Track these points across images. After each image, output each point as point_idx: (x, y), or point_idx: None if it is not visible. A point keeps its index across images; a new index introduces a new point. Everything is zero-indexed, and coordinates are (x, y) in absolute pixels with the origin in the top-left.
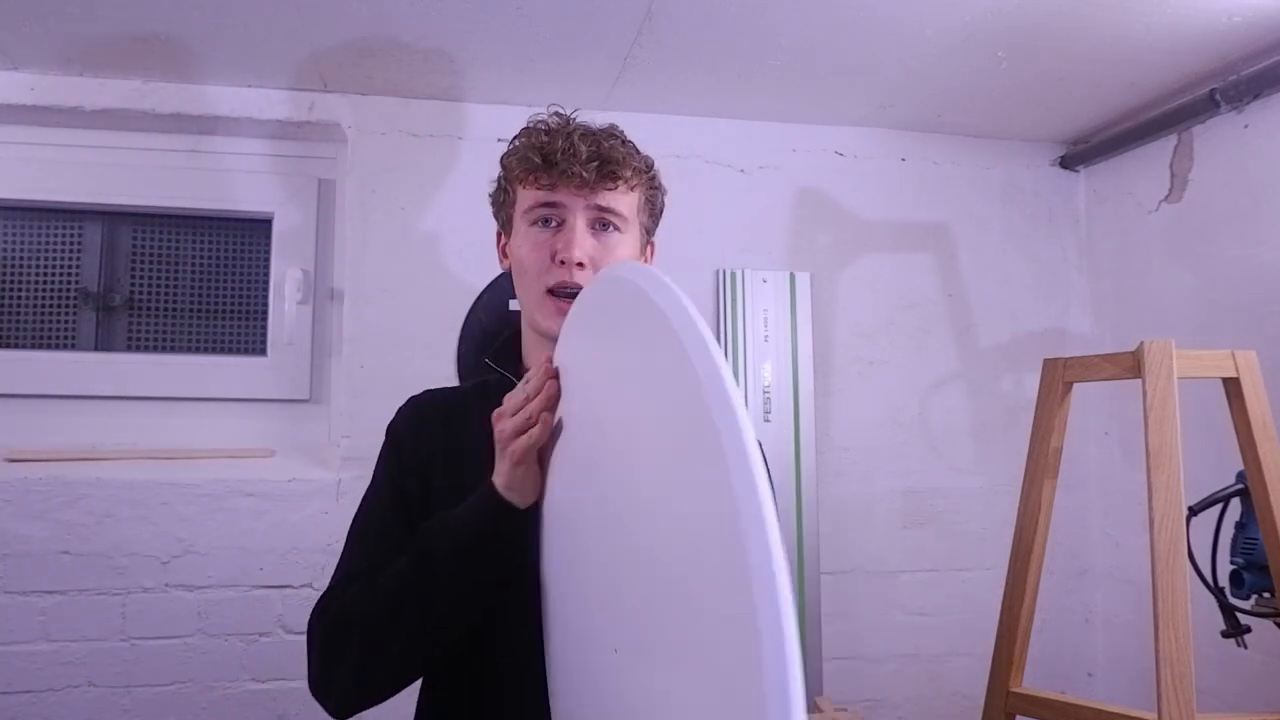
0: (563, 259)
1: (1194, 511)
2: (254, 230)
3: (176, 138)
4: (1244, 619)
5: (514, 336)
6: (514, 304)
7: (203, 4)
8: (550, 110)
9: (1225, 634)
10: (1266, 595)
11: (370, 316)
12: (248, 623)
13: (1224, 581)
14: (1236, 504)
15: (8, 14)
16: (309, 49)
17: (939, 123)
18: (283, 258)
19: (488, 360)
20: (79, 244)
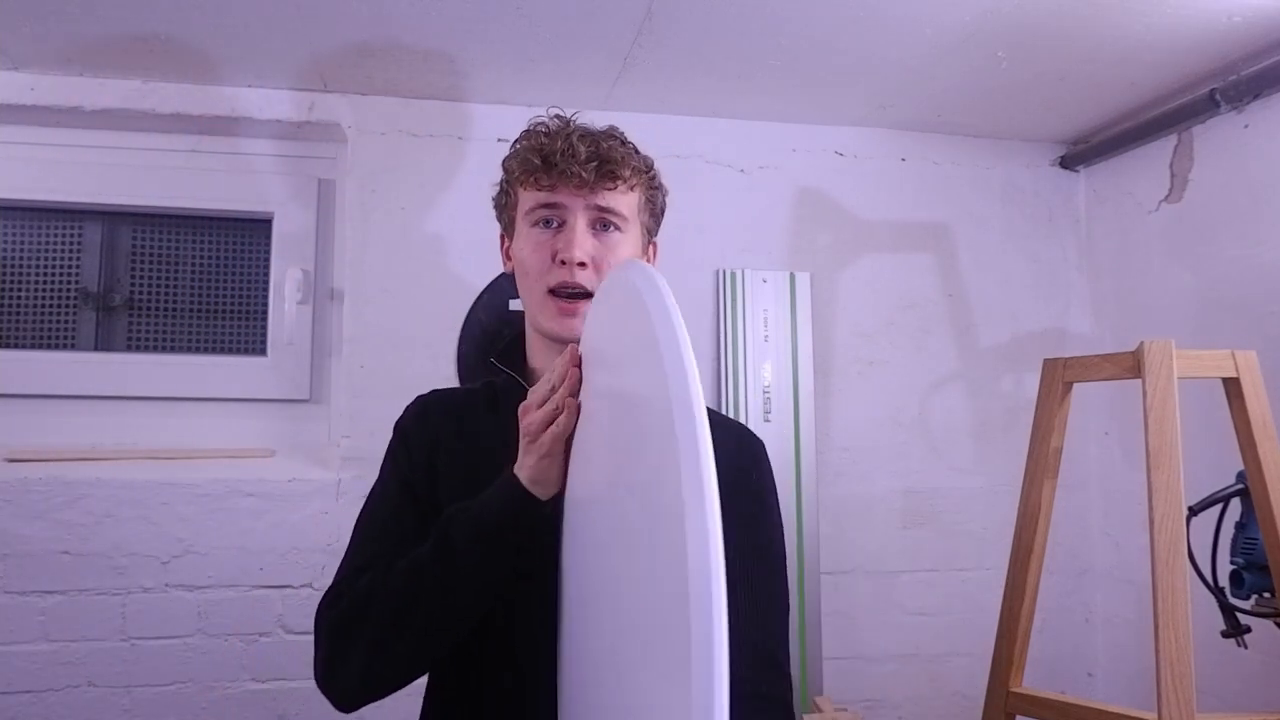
0: (564, 259)
1: (1194, 511)
2: (254, 230)
3: (176, 138)
4: (1244, 619)
5: (520, 337)
6: (514, 304)
7: (203, 4)
8: (550, 113)
9: (1225, 634)
10: (1266, 595)
11: (370, 316)
12: (248, 623)
13: (1224, 581)
14: (1236, 504)
15: (8, 14)
16: (309, 49)
17: (939, 123)
18: (283, 258)
19: (493, 360)
20: (79, 244)
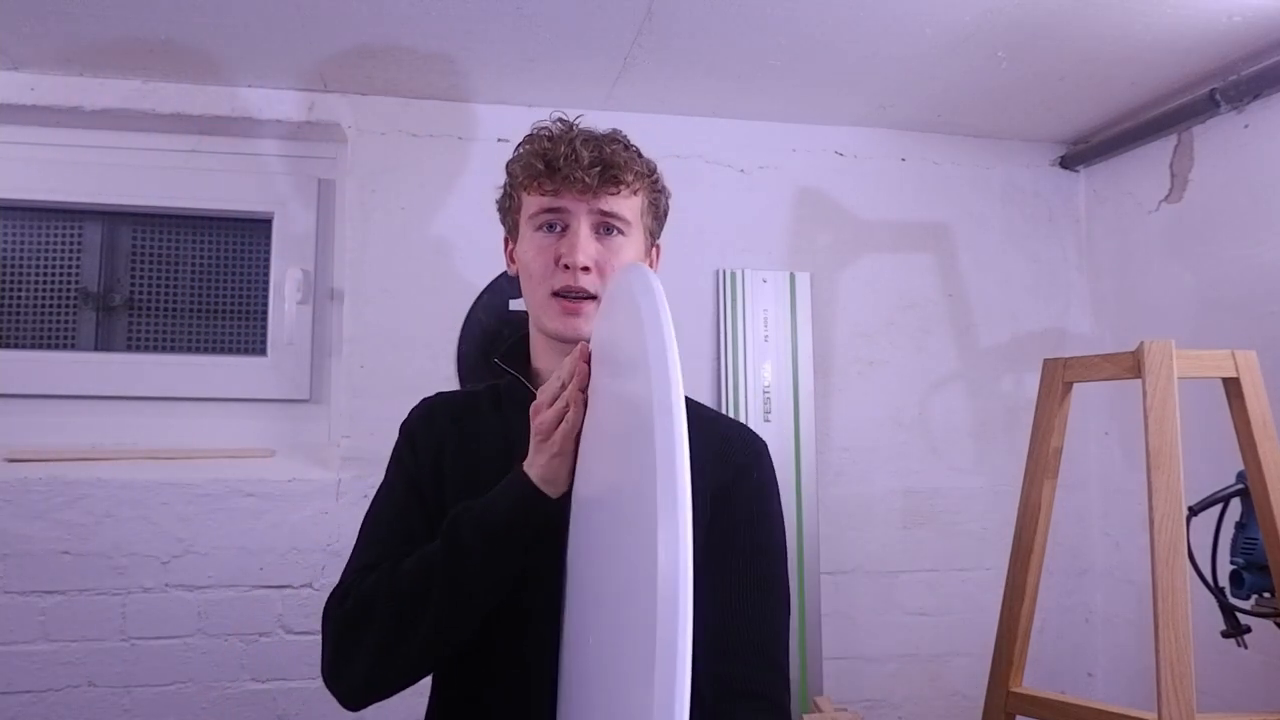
0: (567, 263)
1: (1194, 511)
2: (254, 230)
3: (176, 138)
4: (1244, 619)
5: (524, 339)
6: (514, 304)
7: (203, 4)
8: (553, 116)
9: (1225, 634)
10: (1266, 595)
11: (370, 316)
12: (248, 623)
13: (1224, 581)
14: (1236, 504)
15: (8, 14)
16: (309, 49)
17: (939, 123)
18: (283, 258)
19: (497, 360)
20: (79, 244)
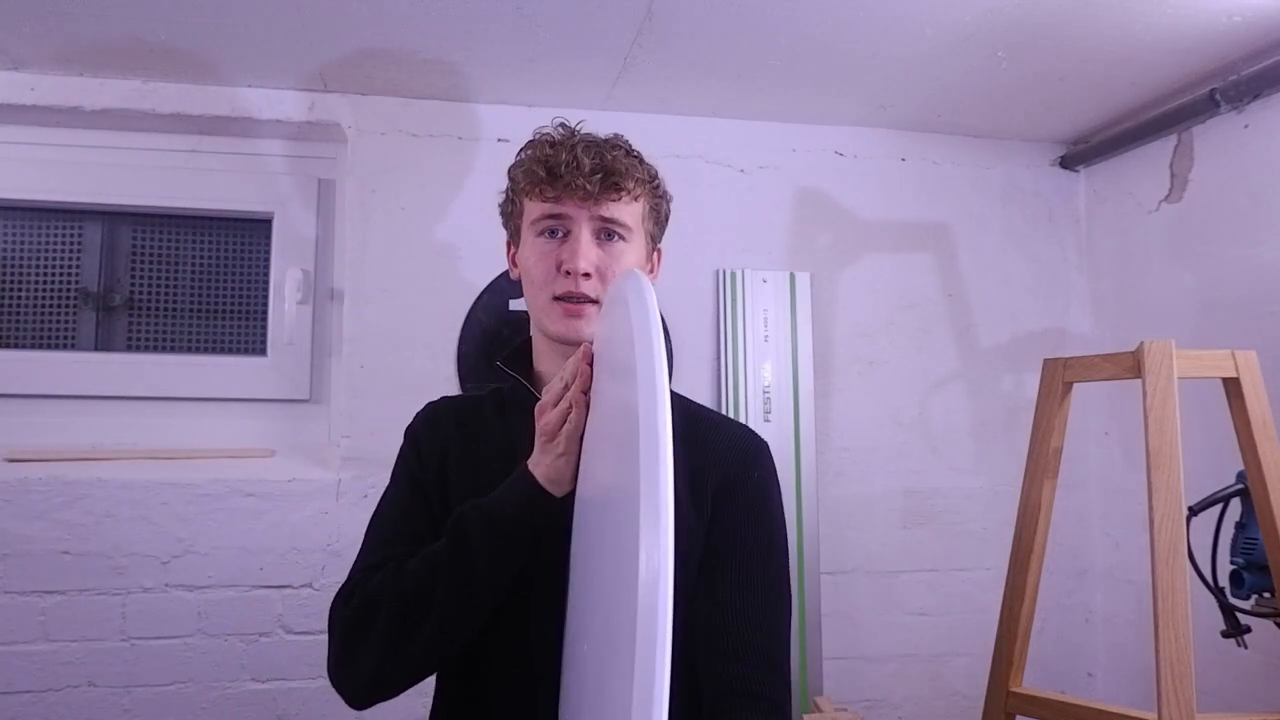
0: (568, 269)
1: (1194, 511)
2: (254, 230)
3: (176, 138)
4: (1244, 619)
5: (527, 341)
6: (514, 304)
7: (203, 4)
8: (555, 122)
9: (1225, 634)
10: (1266, 595)
11: (370, 316)
12: (248, 623)
13: (1224, 581)
14: (1236, 504)
15: (8, 14)
16: (309, 49)
17: (939, 123)
18: (283, 258)
19: (499, 363)
20: (79, 244)
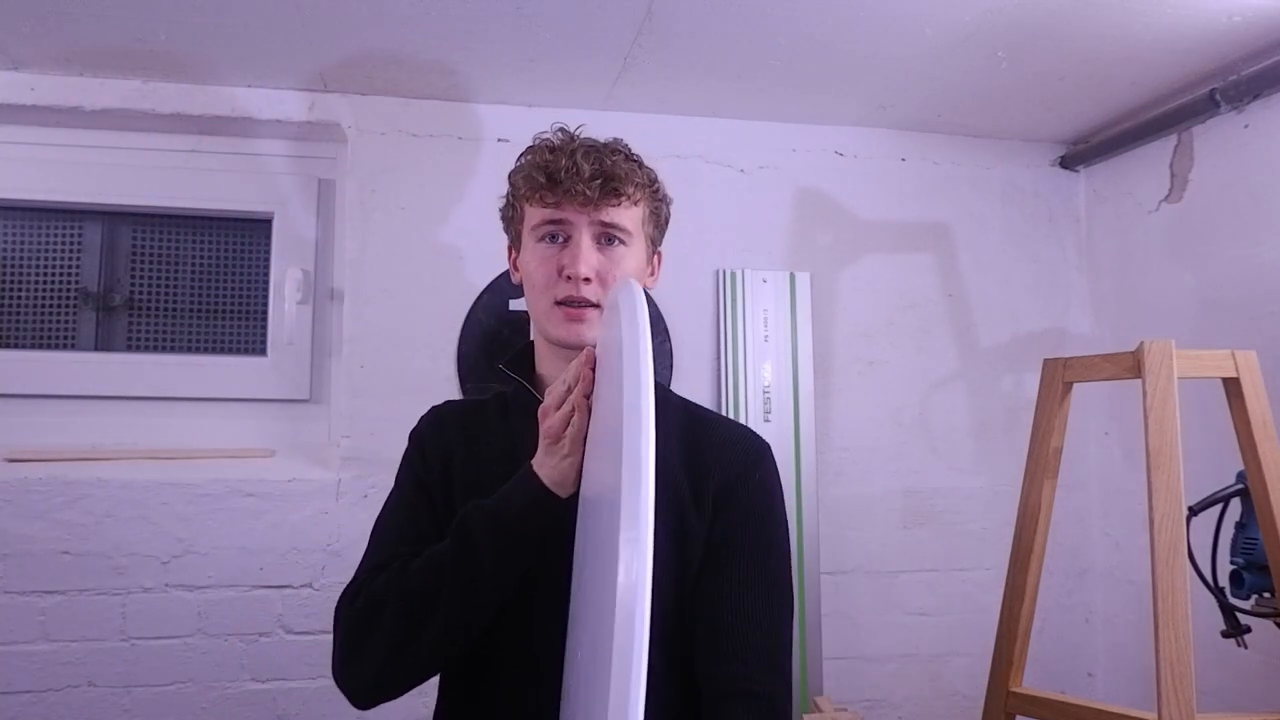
0: (569, 274)
1: (1194, 511)
2: (254, 230)
3: (176, 138)
4: (1244, 619)
5: (530, 344)
6: (514, 304)
7: (203, 4)
8: (554, 126)
9: (1225, 634)
10: (1266, 595)
11: (370, 316)
12: (248, 623)
13: (1224, 581)
14: (1236, 504)
15: (8, 14)
16: (309, 49)
17: (939, 123)
18: (283, 258)
19: (501, 366)
20: (79, 244)
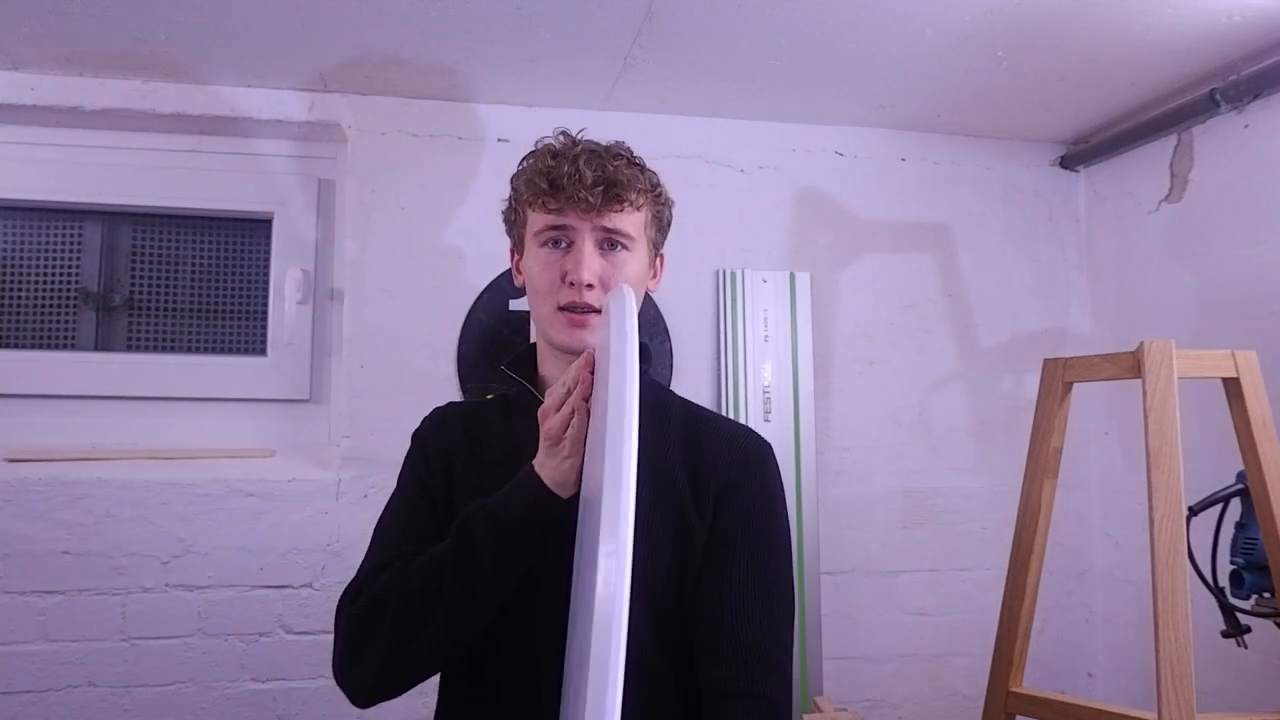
0: (572, 281)
1: (1194, 511)
2: (254, 230)
3: (176, 138)
4: (1244, 619)
5: (533, 346)
6: (514, 304)
7: (203, 4)
8: (556, 131)
9: (1225, 634)
10: (1266, 595)
11: (370, 316)
12: (248, 623)
13: (1224, 581)
14: (1236, 504)
15: (8, 14)
16: (309, 49)
17: (939, 123)
18: (283, 258)
19: (504, 367)
20: (79, 244)
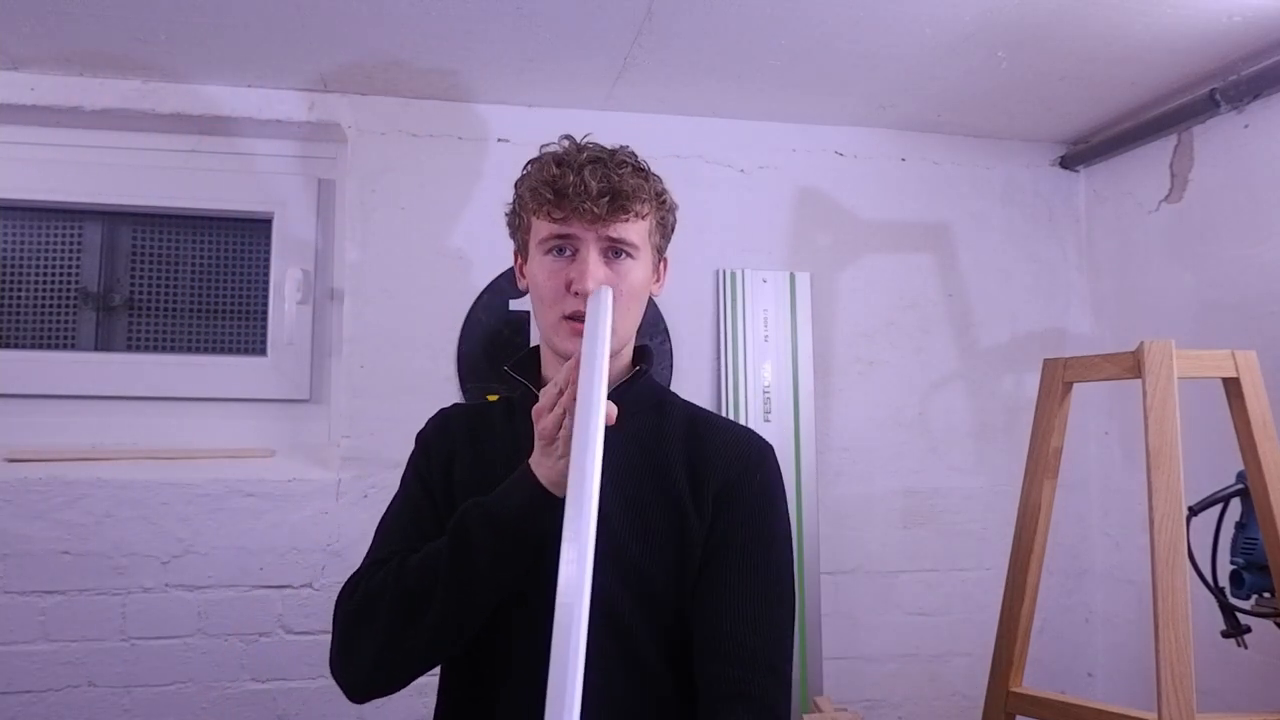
0: (576, 290)
1: (1194, 511)
2: (254, 230)
3: (176, 138)
4: (1244, 619)
5: (536, 348)
6: (514, 304)
7: (203, 4)
8: (560, 137)
9: (1225, 634)
10: (1266, 595)
11: (370, 316)
12: (248, 623)
13: (1224, 581)
14: (1236, 504)
15: (8, 14)
16: (309, 49)
17: (939, 122)
18: (283, 258)
19: (507, 369)
20: (79, 244)
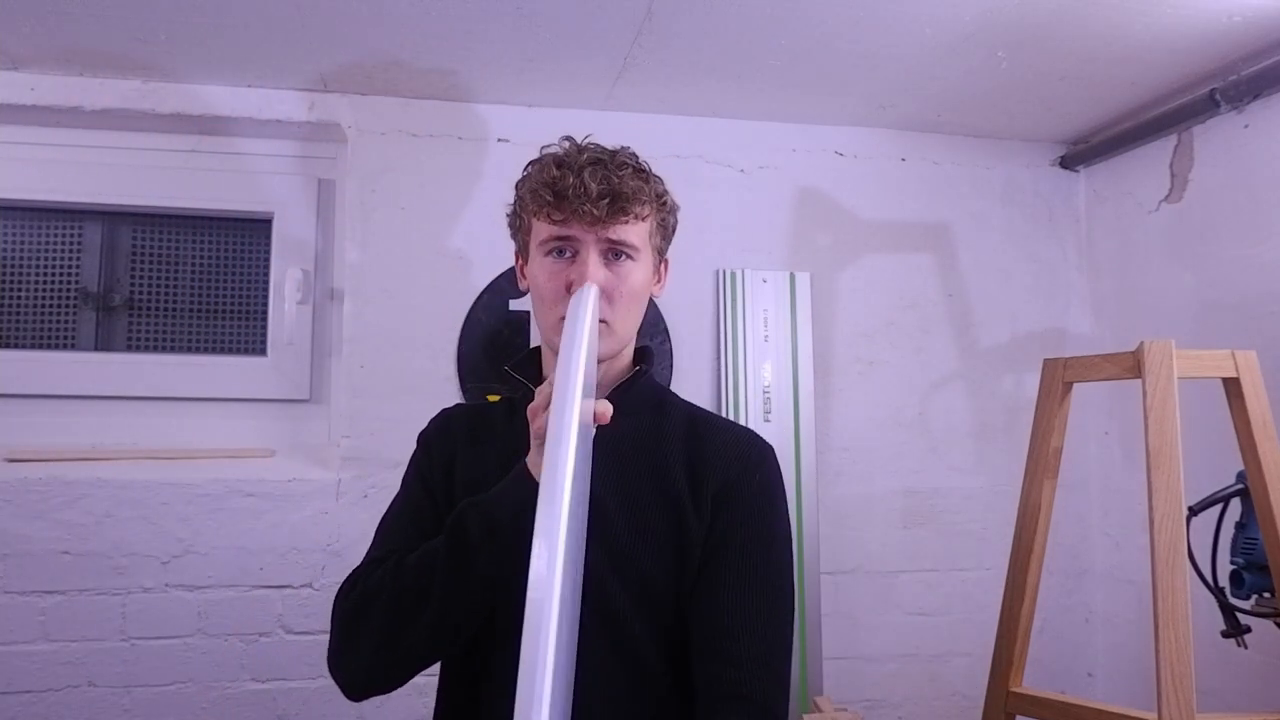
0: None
1: (1194, 511)
2: (254, 230)
3: (176, 138)
4: (1244, 619)
5: (537, 349)
6: (514, 304)
7: (203, 4)
8: (561, 138)
9: (1225, 634)
10: (1266, 595)
11: (370, 316)
12: (248, 623)
13: (1224, 581)
14: (1236, 504)
15: (8, 14)
16: (309, 49)
17: (939, 122)
18: (283, 258)
19: (508, 369)
20: (79, 244)
